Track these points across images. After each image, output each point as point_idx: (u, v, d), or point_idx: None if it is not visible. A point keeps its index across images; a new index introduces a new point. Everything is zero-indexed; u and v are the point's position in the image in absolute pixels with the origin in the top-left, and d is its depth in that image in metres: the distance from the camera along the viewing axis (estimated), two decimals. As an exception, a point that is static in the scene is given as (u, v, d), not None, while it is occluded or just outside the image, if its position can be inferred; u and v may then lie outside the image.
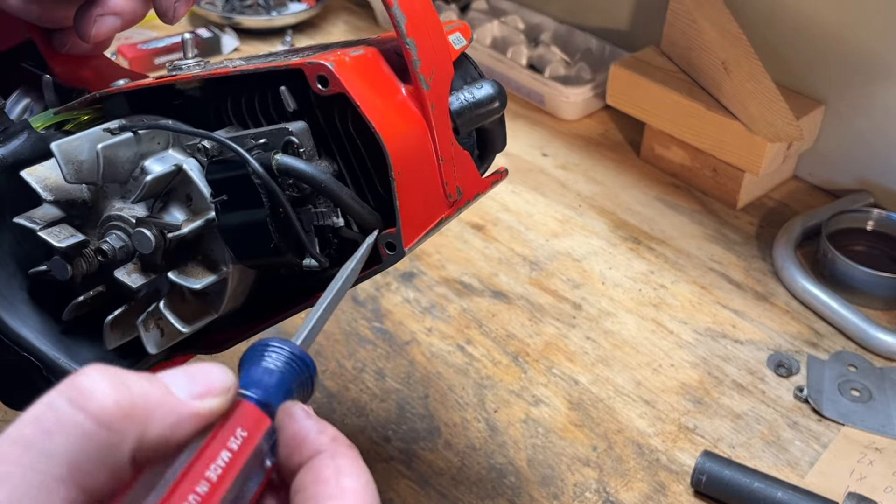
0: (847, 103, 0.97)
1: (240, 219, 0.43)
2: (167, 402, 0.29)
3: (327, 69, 0.41)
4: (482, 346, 0.80)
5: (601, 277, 0.89)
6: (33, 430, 0.27)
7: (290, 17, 1.32)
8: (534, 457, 0.70)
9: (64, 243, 0.44)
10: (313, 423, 0.32)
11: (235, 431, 0.30)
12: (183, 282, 0.44)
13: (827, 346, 0.81)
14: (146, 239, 0.43)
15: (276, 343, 0.34)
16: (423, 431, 0.72)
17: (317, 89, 0.42)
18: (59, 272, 0.45)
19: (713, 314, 0.85)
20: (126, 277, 0.45)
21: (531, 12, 1.27)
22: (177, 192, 0.45)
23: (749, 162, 0.94)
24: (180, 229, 0.44)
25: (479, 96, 0.47)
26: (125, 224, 0.45)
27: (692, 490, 0.68)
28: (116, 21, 0.51)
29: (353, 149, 0.45)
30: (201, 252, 0.46)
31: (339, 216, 0.44)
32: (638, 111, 1.04)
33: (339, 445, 0.31)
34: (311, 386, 0.35)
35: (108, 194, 0.47)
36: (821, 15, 0.95)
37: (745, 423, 0.73)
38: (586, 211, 0.98)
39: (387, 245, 0.44)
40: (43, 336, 0.48)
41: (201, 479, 0.28)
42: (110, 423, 0.27)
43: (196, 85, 0.49)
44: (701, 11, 0.96)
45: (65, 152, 0.44)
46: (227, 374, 0.31)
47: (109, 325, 0.46)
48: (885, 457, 0.70)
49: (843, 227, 0.92)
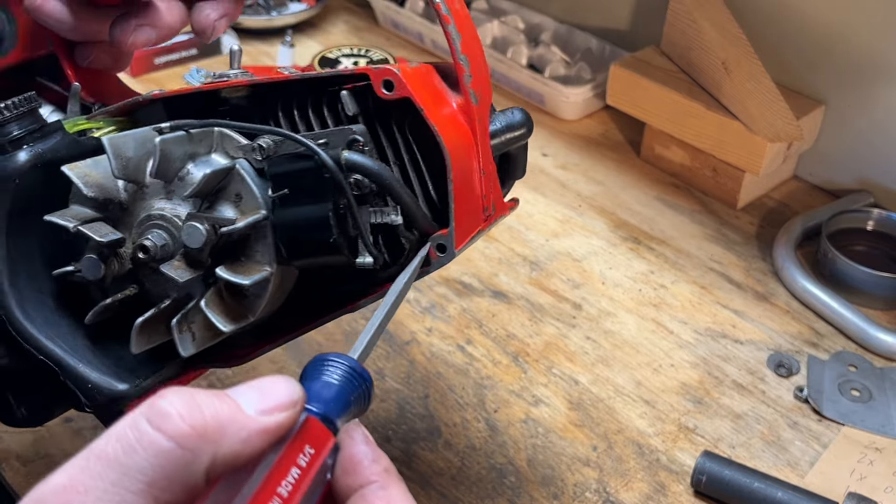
0: (847, 103, 0.97)
1: (300, 214, 0.43)
2: (237, 420, 0.30)
3: (394, 73, 0.44)
4: (482, 346, 0.80)
5: (601, 277, 0.89)
6: (115, 447, 0.29)
7: (290, 17, 1.32)
8: (534, 457, 0.70)
9: (105, 238, 0.44)
10: (370, 450, 0.33)
11: (304, 448, 0.32)
12: (232, 277, 0.44)
13: (827, 346, 0.81)
14: (197, 233, 0.43)
15: (335, 358, 0.36)
16: (423, 431, 0.72)
17: (381, 93, 0.44)
18: (90, 271, 0.45)
19: (713, 314, 0.85)
20: (172, 272, 0.44)
21: (531, 12, 1.26)
22: (226, 191, 0.45)
23: (749, 162, 0.94)
24: (235, 223, 0.44)
25: (512, 121, 0.49)
26: (167, 223, 0.45)
27: (692, 490, 0.68)
28: (153, 33, 0.52)
29: (408, 154, 0.47)
30: (245, 253, 0.46)
31: (397, 214, 0.45)
32: (638, 111, 1.04)
33: (391, 477, 0.33)
34: (368, 399, 0.36)
35: (148, 195, 0.46)
36: (821, 15, 0.95)
37: (745, 423, 0.73)
38: (586, 211, 0.98)
39: (437, 247, 0.46)
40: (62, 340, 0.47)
41: (273, 496, 0.30)
42: (186, 443, 0.29)
43: (243, 93, 0.50)
44: (701, 11, 0.96)
45: (115, 146, 0.44)
46: (294, 387, 0.33)
47: (139, 328, 0.45)
48: (885, 457, 0.70)
49: (844, 227, 0.92)
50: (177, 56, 1.21)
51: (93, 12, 0.53)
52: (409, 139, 0.47)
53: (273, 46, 1.29)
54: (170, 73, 1.21)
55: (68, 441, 0.69)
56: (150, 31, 0.52)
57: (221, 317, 0.45)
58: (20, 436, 0.69)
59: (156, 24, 0.52)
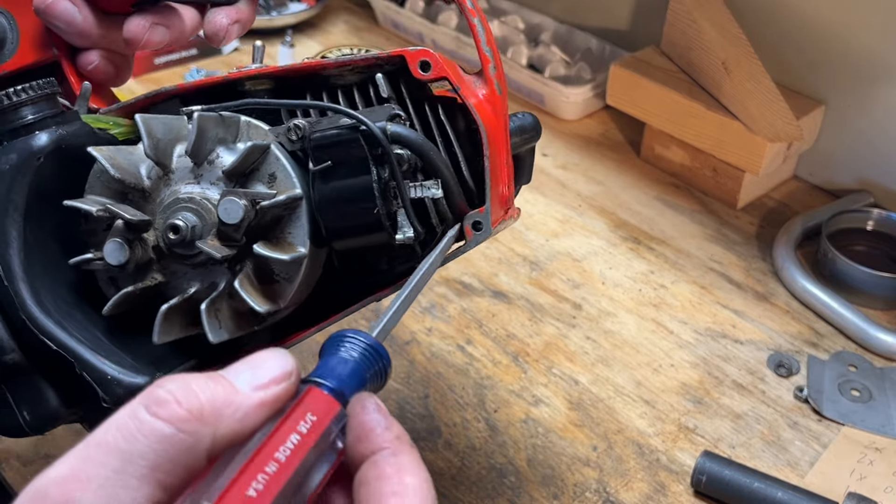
0: (847, 103, 0.97)
1: (344, 186, 0.43)
2: (233, 400, 0.31)
3: (431, 54, 0.45)
4: (482, 346, 0.80)
5: (601, 277, 0.89)
6: (115, 435, 0.29)
7: (290, 17, 1.32)
8: (534, 457, 0.70)
9: (136, 217, 0.43)
10: (382, 417, 0.34)
11: (305, 416, 0.32)
12: (270, 253, 0.43)
13: (827, 346, 0.81)
14: (236, 207, 0.42)
15: (353, 334, 0.36)
16: (423, 431, 0.72)
17: (417, 74, 0.45)
18: (113, 256, 0.43)
19: (713, 314, 0.85)
20: (209, 247, 0.43)
21: (531, 12, 1.27)
22: (259, 172, 0.45)
23: (749, 162, 0.94)
24: (275, 197, 0.43)
25: (524, 123, 0.50)
26: (197, 205, 0.44)
27: (692, 490, 0.68)
28: (167, 34, 0.52)
29: (441, 136, 0.48)
30: (278, 234, 0.45)
31: (438, 188, 0.46)
32: (638, 111, 1.04)
33: (402, 444, 0.33)
34: (385, 376, 0.37)
35: (174, 180, 0.45)
36: (821, 15, 0.95)
37: (745, 423, 0.73)
38: (586, 211, 0.98)
39: (473, 225, 0.47)
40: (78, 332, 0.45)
41: (270, 460, 0.30)
42: (185, 427, 0.30)
43: (266, 86, 0.50)
44: (701, 11, 0.96)
45: (147, 125, 0.44)
46: (287, 359, 0.33)
47: (164, 314, 0.44)
48: (885, 457, 0.70)
49: (844, 227, 0.92)
50: (177, 56, 1.21)
51: (102, 17, 0.52)
52: (441, 119, 0.47)
53: (273, 46, 1.29)
54: (170, 73, 1.21)
55: (69, 442, 0.69)
56: (165, 32, 0.52)
57: (257, 298, 0.45)
58: (20, 436, 0.69)
59: (171, 25, 0.52)
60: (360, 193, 0.43)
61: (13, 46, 0.54)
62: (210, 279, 0.45)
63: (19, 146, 0.45)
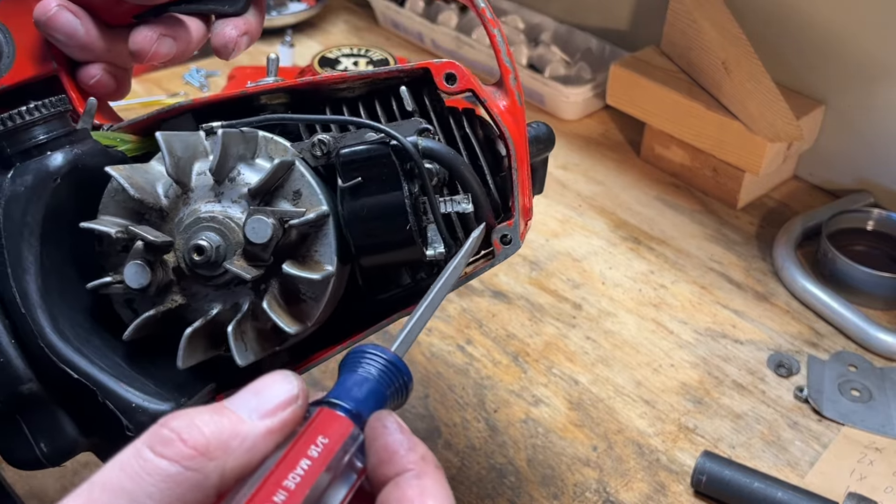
0: (847, 103, 0.97)
1: (375, 202, 0.43)
2: (239, 431, 0.31)
3: (457, 66, 0.45)
4: (482, 346, 0.80)
5: (601, 277, 0.89)
6: (119, 476, 0.29)
7: (290, 16, 1.32)
8: (534, 457, 0.70)
9: (158, 238, 0.42)
10: (405, 438, 0.33)
11: (316, 439, 0.31)
12: (300, 272, 0.42)
13: (827, 346, 0.81)
14: (264, 226, 0.41)
15: (371, 350, 0.35)
16: (423, 431, 0.72)
17: (443, 86, 0.45)
18: (134, 279, 0.42)
19: (713, 314, 0.85)
20: (239, 269, 0.41)
21: (531, 12, 1.26)
22: (283, 189, 0.44)
23: (749, 162, 0.94)
24: (305, 215, 0.42)
25: (539, 133, 0.50)
26: (220, 224, 0.42)
27: (692, 490, 0.68)
28: (174, 47, 0.51)
29: (466, 149, 0.47)
30: (305, 252, 0.44)
31: (468, 202, 0.45)
32: (638, 111, 1.04)
33: (427, 465, 0.33)
34: (406, 393, 0.36)
35: (193, 199, 0.44)
36: (821, 15, 0.95)
37: (745, 423, 0.73)
38: (586, 211, 0.98)
39: (501, 238, 0.46)
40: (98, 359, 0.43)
41: (279, 489, 0.29)
42: (191, 464, 0.29)
43: (282, 100, 0.49)
44: (701, 11, 0.96)
45: (168, 143, 0.43)
46: (292, 382, 0.33)
47: (188, 338, 0.43)
48: (885, 457, 0.70)
49: (844, 227, 0.92)
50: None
51: (104, 30, 0.51)
52: (466, 133, 0.47)
53: (273, 46, 1.29)
54: (169, 73, 1.21)
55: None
56: (172, 44, 0.50)
57: (285, 318, 0.43)
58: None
59: (178, 36, 0.50)
60: (392, 210, 0.43)
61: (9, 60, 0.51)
62: (233, 300, 0.44)
63: (34, 167, 0.44)
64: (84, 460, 0.68)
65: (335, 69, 1.18)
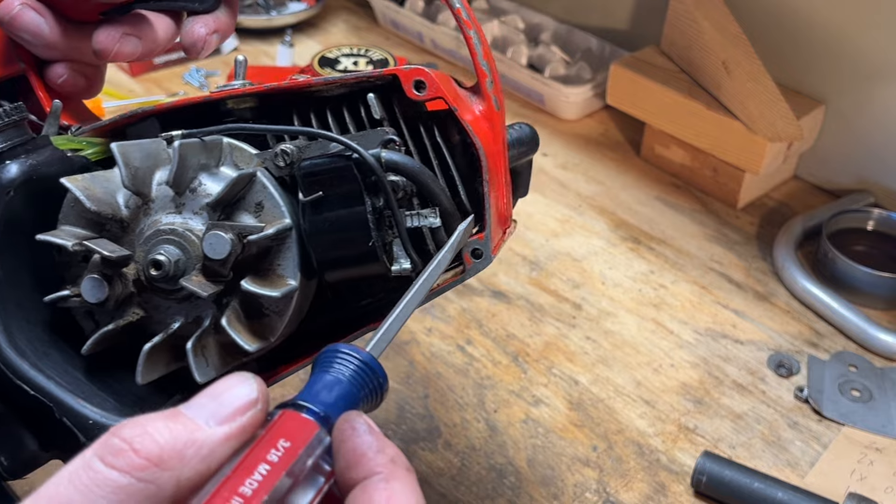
0: (847, 103, 0.97)
1: (336, 217, 0.41)
2: (196, 438, 0.29)
3: (425, 73, 0.42)
4: (482, 346, 0.80)
5: (601, 277, 0.89)
6: (67, 489, 0.28)
7: (289, 16, 1.32)
8: (534, 457, 0.70)
9: (115, 253, 0.41)
10: (374, 440, 0.31)
11: (276, 443, 0.30)
12: (259, 289, 0.41)
13: (827, 346, 0.81)
14: (222, 242, 0.39)
15: (345, 350, 0.34)
16: (423, 431, 0.72)
17: (412, 94, 0.43)
18: (92, 294, 0.41)
19: (713, 314, 0.85)
20: (195, 286, 0.40)
21: (531, 12, 1.26)
22: (244, 201, 0.42)
23: (749, 162, 0.94)
24: (263, 230, 0.41)
25: (522, 135, 0.48)
26: (180, 237, 0.41)
27: (692, 490, 0.67)
28: (139, 46, 0.49)
29: (437, 158, 0.46)
30: (267, 266, 0.43)
31: (436, 216, 0.43)
32: (638, 111, 1.03)
33: (397, 468, 0.31)
34: (380, 395, 0.34)
35: (153, 210, 0.43)
36: (821, 15, 0.95)
37: (745, 424, 0.73)
38: (586, 211, 0.98)
39: (472, 252, 0.44)
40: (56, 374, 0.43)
41: (234, 496, 0.28)
42: (144, 476, 0.28)
43: (250, 104, 0.47)
44: (701, 11, 0.96)
45: (124, 155, 0.41)
46: (252, 385, 0.31)
47: (147, 354, 0.42)
48: (885, 457, 0.70)
49: (844, 227, 0.92)
50: (176, 56, 1.21)
51: (70, 28, 0.49)
52: (437, 141, 0.45)
53: (272, 46, 1.29)
54: (169, 72, 1.20)
55: (68, 441, 0.69)
56: (137, 43, 0.49)
57: (245, 336, 0.42)
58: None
59: (144, 35, 0.49)
60: (353, 225, 0.41)
61: None
62: (195, 313, 0.43)
63: None
64: (84, 460, 0.68)
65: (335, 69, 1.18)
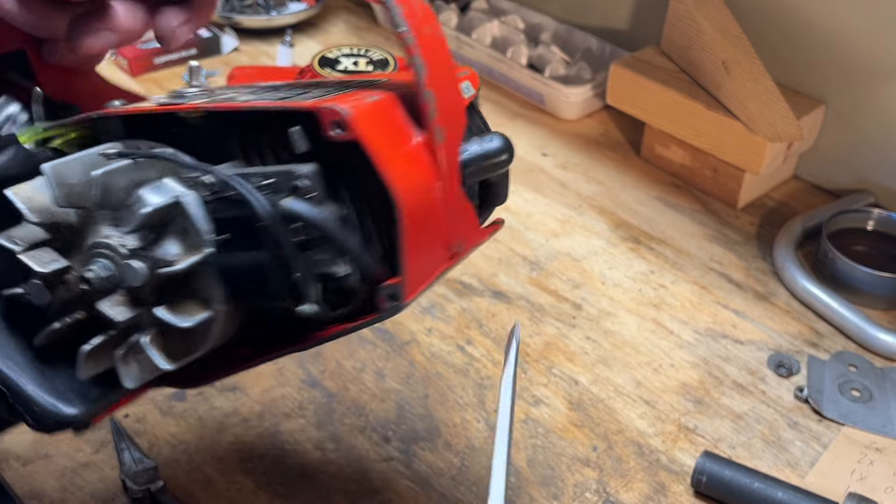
0: (847, 103, 0.97)
1: (238, 260, 0.41)
2: None
3: (341, 115, 0.40)
4: (482, 346, 0.80)
5: (601, 277, 0.89)
6: None
7: (289, 16, 1.32)
8: (534, 457, 0.70)
9: (47, 268, 0.41)
10: None
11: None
12: (170, 319, 0.42)
13: (827, 347, 0.81)
14: (134, 272, 0.41)
15: None
16: (422, 431, 0.72)
17: (330, 135, 0.40)
18: (37, 297, 0.43)
19: (713, 314, 0.85)
20: (110, 310, 0.41)
21: (531, 12, 1.26)
22: (173, 224, 0.42)
23: (749, 161, 0.94)
24: (173, 265, 0.41)
25: (488, 149, 0.46)
26: (113, 253, 0.42)
27: (692, 490, 0.67)
28: (112, 38, 0.49)
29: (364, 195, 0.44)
30: (192, 289, 0.43)
31: (345, 264, 0.42)
32: (638, 111, 1.03)
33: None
34: None
35: (97, 219, 0.43)
36: (821, 15, 0.95)
37: (745, 424, 0.73)
38: (586, 211, 0.98)
39: (388, 296, 0.43)
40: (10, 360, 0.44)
41: None
42: None
43: (200, 114, 0.47)
44: (701, 11, 0.96)
45: (58, 174, 0.42)
46: None
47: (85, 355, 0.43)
48: (885, 457, 0.70)
49: (844, 227, 0.92)
50: (176, 56, 1.21)
51: (48, 8, 0.49)
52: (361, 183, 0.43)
53: (273, 46, 1.29)
54: (169, 72, 1.20)
55: (67, 441, 0.69)
56: (110, 36, 0.48)
57: (163, 354, 0.43)
58: (20, 436, 0.69)
59: (116, 28, 0.48)
60: (254, 269, 0.41)
61: None
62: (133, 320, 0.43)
63: None
64: (84, 461, 0.68)
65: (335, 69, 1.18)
